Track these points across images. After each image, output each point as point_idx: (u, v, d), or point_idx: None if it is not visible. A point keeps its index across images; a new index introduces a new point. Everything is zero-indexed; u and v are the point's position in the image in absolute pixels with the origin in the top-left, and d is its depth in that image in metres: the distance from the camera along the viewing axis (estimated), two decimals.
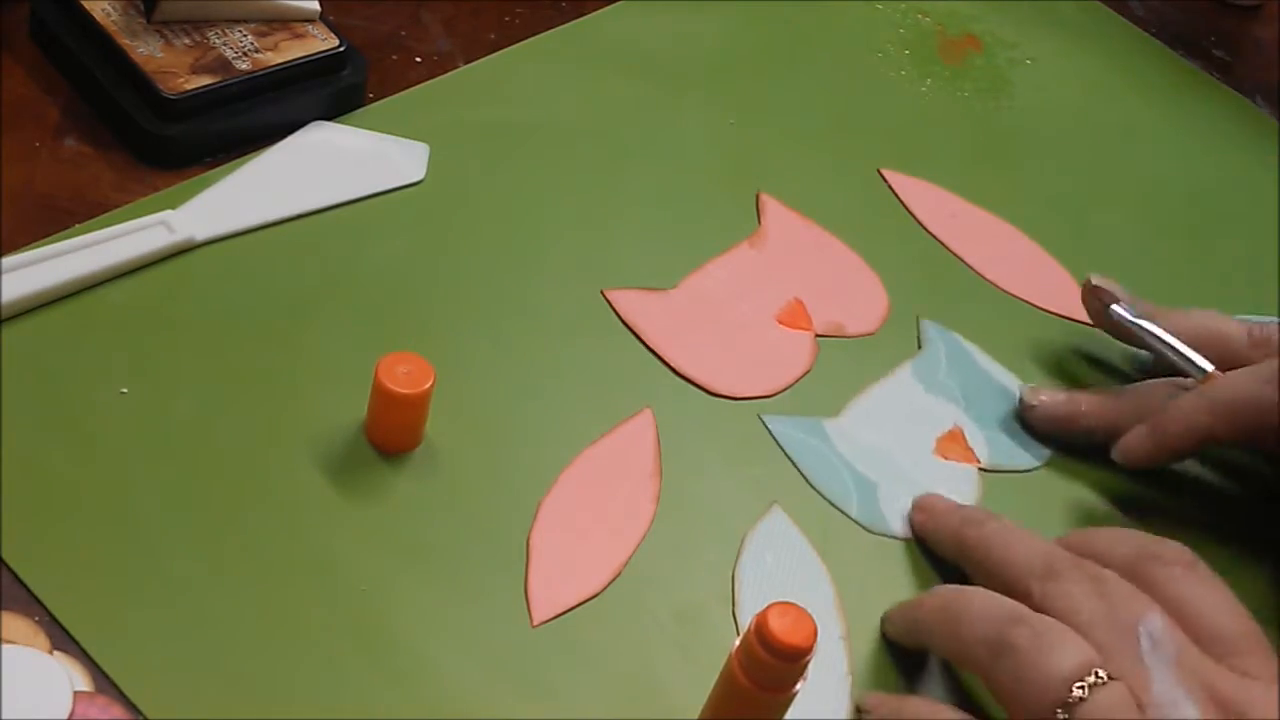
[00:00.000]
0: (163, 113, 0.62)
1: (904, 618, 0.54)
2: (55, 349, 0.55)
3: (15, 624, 0.48)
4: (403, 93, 0.68)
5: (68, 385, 0.54)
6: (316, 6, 0.66)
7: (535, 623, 0.52)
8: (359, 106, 0.67)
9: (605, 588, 0.54)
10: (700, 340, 0.62)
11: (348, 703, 0.49)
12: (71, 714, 0.46)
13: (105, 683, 0.48)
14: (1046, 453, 0.63)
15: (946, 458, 0.61)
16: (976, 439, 0.62)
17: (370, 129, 0.65)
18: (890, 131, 0.74)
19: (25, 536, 0.50)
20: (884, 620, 0.55)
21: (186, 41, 0.63)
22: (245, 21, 0.65)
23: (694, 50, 0.74)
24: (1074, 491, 0.62)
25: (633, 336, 0.62)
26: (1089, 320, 0.66)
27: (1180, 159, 0.78)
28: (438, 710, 0.50)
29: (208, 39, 0.63)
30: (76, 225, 0.59)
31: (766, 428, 0.60)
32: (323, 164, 0.64)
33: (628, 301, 0.63)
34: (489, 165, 0.66)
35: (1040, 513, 0.61)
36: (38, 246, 0.57)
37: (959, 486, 0.61)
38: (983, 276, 0.69)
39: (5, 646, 0.47)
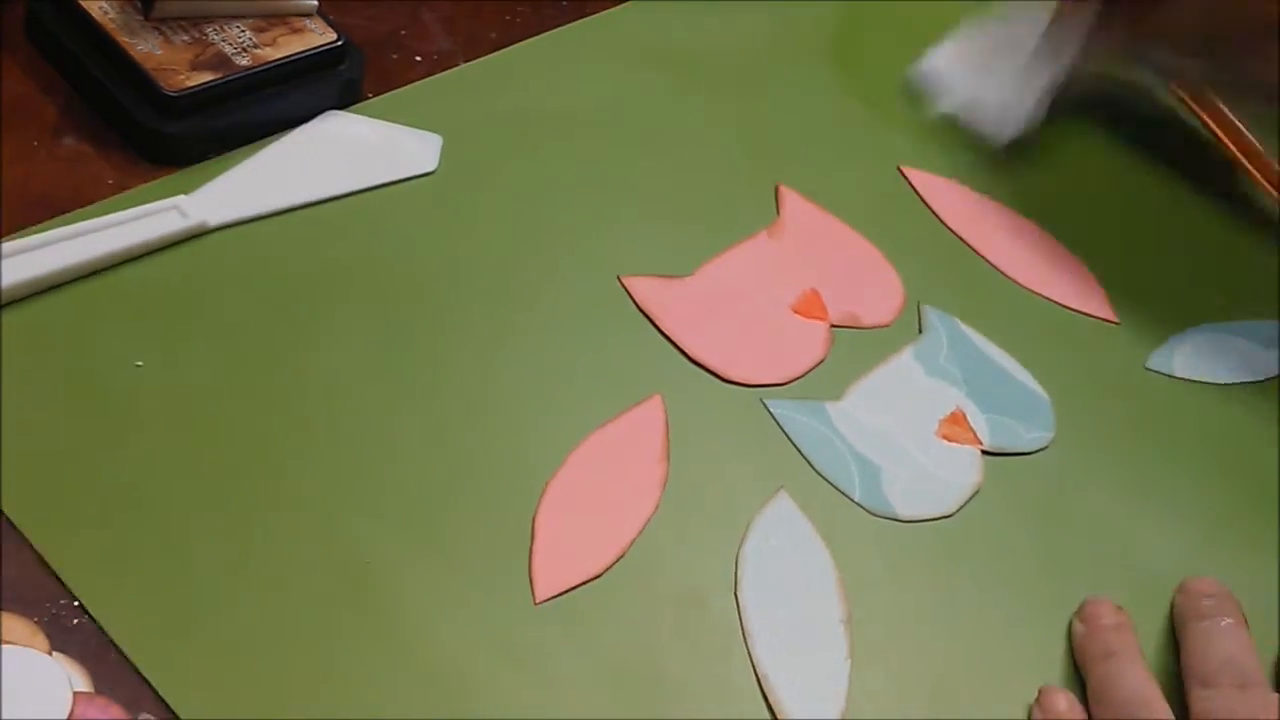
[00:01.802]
0: (163, 110, 0.61)
1: None
2: (68, 329, 0.55)
3: (15, 624, 0.47)
4: (409, 85, 0.68)
5: (83, 362, 0.54)
6: (314, 1, 0.65)
7: (538, 600, 0.52)
8: (357, 101, 0.66)
9: (609, 568, 0.54)
10: (715, 328, 0.62)
11: (347, 674, 0.49)
12: (71, 714, 0.46)
13: (105, 679, 0.47)
14: (1049, 435, 0.63)
15: (949, 440, 0.61)
16: (978, 421, 0.62)
17: (389, 115, 0.65)
18: (911, 128, 0.74)
19: (40, 509, 0.50)
20: None
21: (185, 38, 0.63)
22: (243, 17, 0.64)
23: (712, 46, 0.74)
24: (1077, 473, 0.62)
25: (648, 322, 0.61)
26: (1109, 316, 0.68)
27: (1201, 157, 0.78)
28: (436, 685, 0.49)
29: (206, 35, 0.63)
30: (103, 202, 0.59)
31: (769, 411, 0.60)
32: (335, 153, 0.64)
33: (644, 288, 0.62)
34: (503, 155, 0.66)
35: (1043, 494, 0.61)
36: (47, 229, 0.57)
37: (961, 469, 0.60)
38: (1003, 273, 0.69)
39: (5, 647, 0.46)
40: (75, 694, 0.46)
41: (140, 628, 0.48)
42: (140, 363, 0.55)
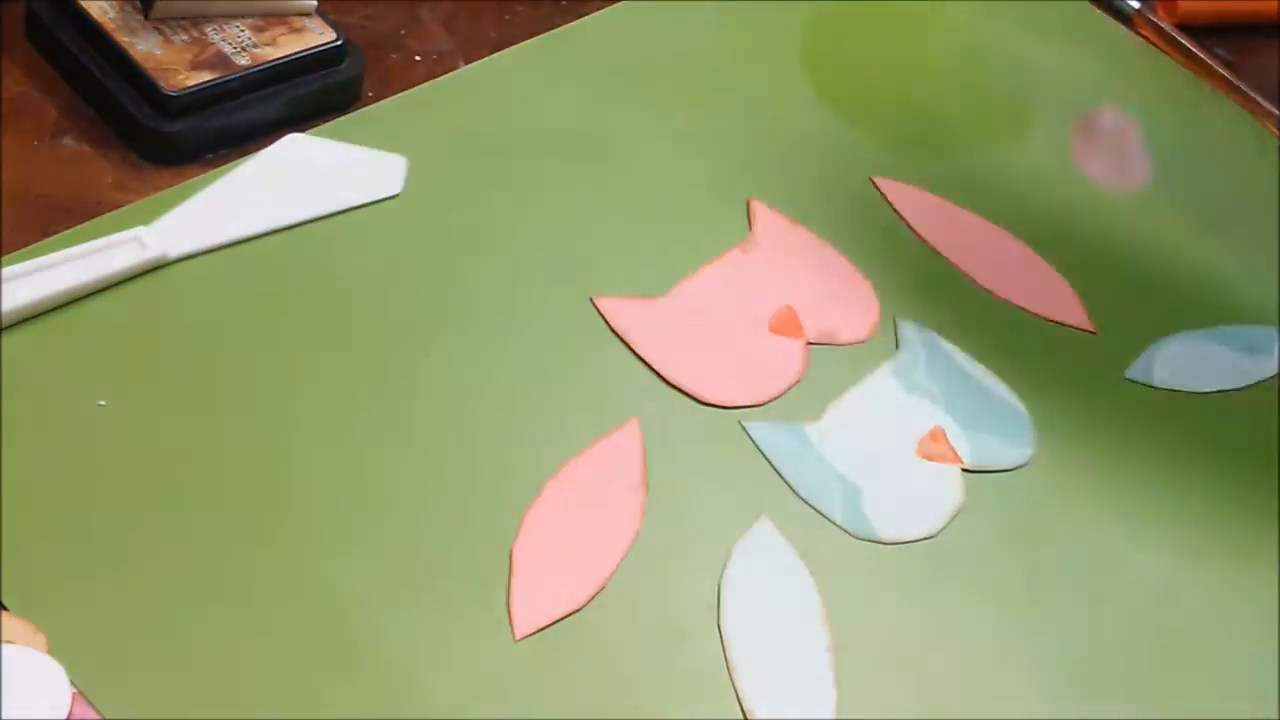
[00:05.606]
0: (164, 110, 0.62)
1: None
2: (26, 369, 0.54)
3: (15, 624, 0.48)
4: (392, 98, 0.67)
5: (42, 403, 0.54)
6: (313, 1, 0.66)
7: (518, 636, 0.52)
8: (356, 98, 0.67)
9: (589, 601, 0.54)
10: (691, 349, 0.62)
11: (321, 715, 0.49)
12: (70, 714, 0.47)
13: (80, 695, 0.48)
14: (1029, 451, 0.63)
15: (929, 459, 0.61)
16: (958, 439, 0.62)
17: (359, 134, 0.65)
18: (881, 137, 0.74)
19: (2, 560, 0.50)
20: None
21: (184, 38, 0.63)
22: (242, 17, 0.65)
23: (689, 54, 0.74)
24: (1059, 489, 0.62)
25: (622, 345, 0.61)
26: (1087, 326, 0.68)
27: (1180, 163, 0.78)
28: None
29: (205, 35, 0.64)
30: (68, 231, 0.58)
31: (748, 434, 0.60)
32: (296, 178, 0.63)
33: (617, 309, 0.62)
34: (469, 175, 0.65)
35: (1025, 512, 0.61)
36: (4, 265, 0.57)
37: (942, 488, 0.61)
38: (978, 284, 0.68)
39: (5, 646, 0.47)
40: (74, 694, 0.47)
41: (109, 679, 0.48)
42: (103, 402, 0.54)
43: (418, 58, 0.70)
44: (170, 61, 0.62)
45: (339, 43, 0.66)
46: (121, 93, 0.62)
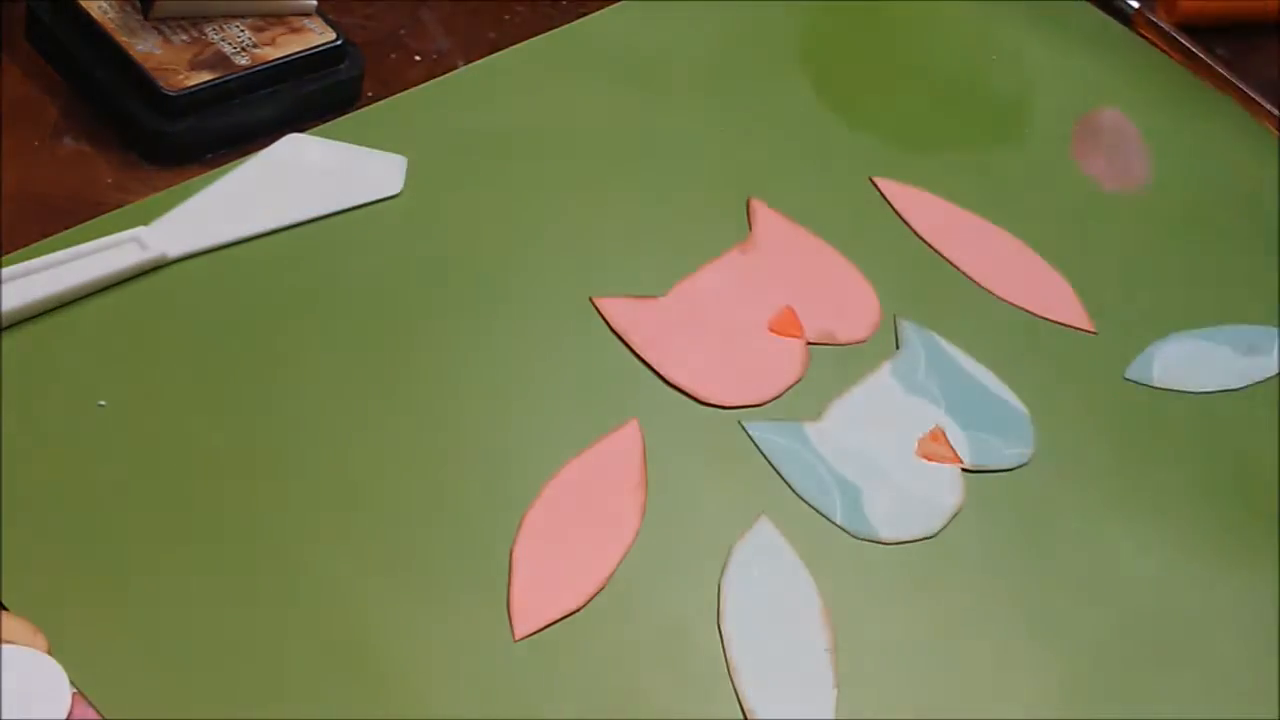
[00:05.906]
0: (164, 110, 0.62)
1: None
2: (26, 370, 0.54)
3: (15, 624, 0.48)
4: (392, 98, 0.67)
5: (42, 404, 0.54)
6: (313, 1, 0.66)
7: (517, 637, 0.52)
8: (356, 98, 0.67)
9: (589, 601, 0.54)
10: (691, 348, 0.62)
11: (319, 714, 0.49)
12: (70, 714, 0.47)
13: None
14: (1029, 450, 0.63)
15: (929, 459, 0.61)
16: (958, 439, 0.62)
17: (359, 134, 0.65)
18: (880, 136, 0.74)
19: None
20: None
21: (184, 38, 0.63)
22: (242, 17, 0.65)
23: (688, 54, 0.74)
24: (1058, 489, 0.62)
25: (622, 345, 0.61)
26: (1086, 326, 0.68)
27: (1180, 163, 0.78)
28: None
29: (205, 35, 0.64)
30: (68, 231, 0.58)
31: (748, 434, 0.60)
32: (296, 178, 0.63)
33: (617, 309, 0.62)
34: (469, 175, 0.65)
35: (1025, 511, 0.61)
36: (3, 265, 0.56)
37: (942, 488, 0.61)
38: (977, 283, 0.68)
39: (5, 646, 0.47)
40: (74, 694, 0.47)
41: (109, 679, 0.48)
42: (103, 402, 0.54)
43: (418, 58, 0.70)
44: (170, 61, 0.62)
45: (339, 43, 0.66)
46: (121, 93, 0.62)
